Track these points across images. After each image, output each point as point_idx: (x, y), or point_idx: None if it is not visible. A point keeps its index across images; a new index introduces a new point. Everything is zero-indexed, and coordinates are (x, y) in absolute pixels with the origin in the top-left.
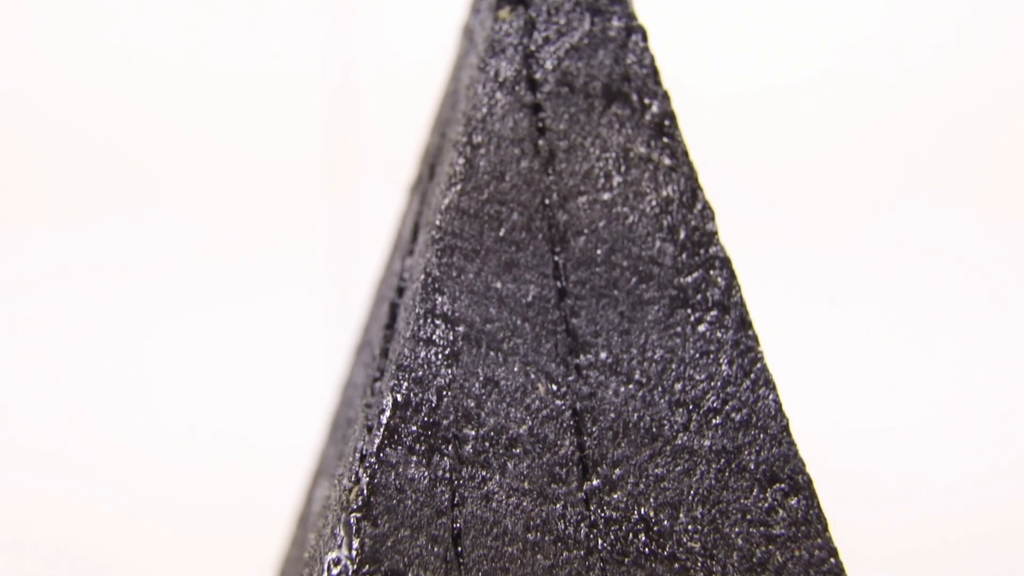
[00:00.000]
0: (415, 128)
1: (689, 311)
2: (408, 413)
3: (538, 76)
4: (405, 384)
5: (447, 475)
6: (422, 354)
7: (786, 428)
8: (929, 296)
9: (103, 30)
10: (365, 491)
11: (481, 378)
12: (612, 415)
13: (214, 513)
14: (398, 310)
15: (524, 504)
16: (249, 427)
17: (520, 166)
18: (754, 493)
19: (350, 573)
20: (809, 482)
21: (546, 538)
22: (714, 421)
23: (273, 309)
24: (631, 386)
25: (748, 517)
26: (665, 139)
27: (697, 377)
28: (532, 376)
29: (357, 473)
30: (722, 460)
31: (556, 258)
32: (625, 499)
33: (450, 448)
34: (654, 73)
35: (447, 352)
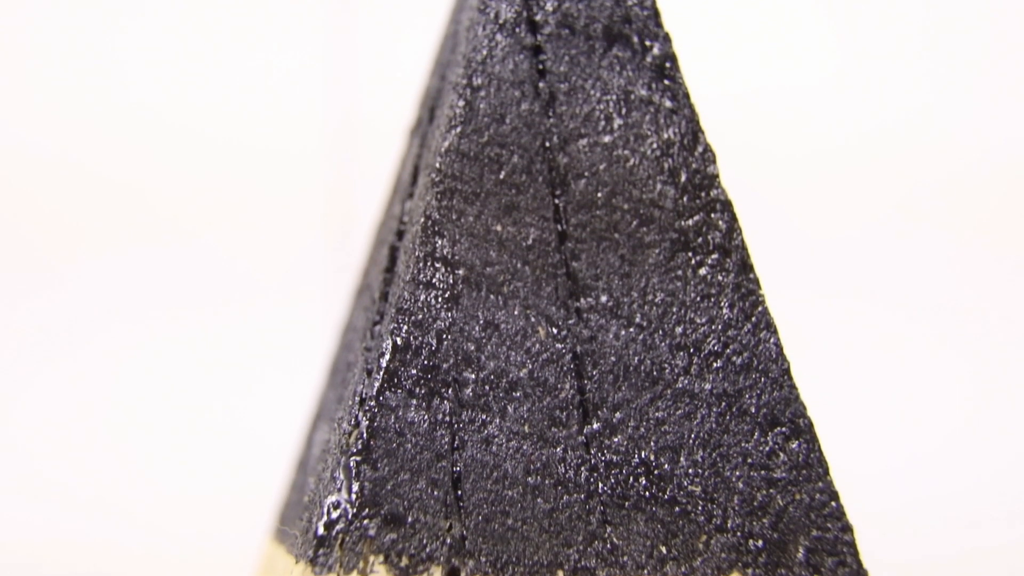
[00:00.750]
0: (415, 71)
1: (690, 254)
2: (408, 356)
3: (538, 18)
4: (405, 327)
5: (447, 418)
6: (422, 297)
7: (787, 371)
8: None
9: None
10: (365, 434)
11: (481, 321)
12: (613, 358)
13: (213, 461)
14: (398, 253)
15: (524, 448)
16: (247, 372)
17: (520, 108)
18: (755, 437)
19: (349, 516)
20: (810, 425)
21: (546, 481)
22: (715, 364)
23: (273, 254)
24: (632, 329)
25: (749, 461)
26: (666, 81)
27: (698, 320)
28: (532, 319)
29: (357, 417)
30: (723, 404)
31: (556, 201)
32: (626, 443)
33: (450, 391)
34: (655, 15)
35: (447, 295)
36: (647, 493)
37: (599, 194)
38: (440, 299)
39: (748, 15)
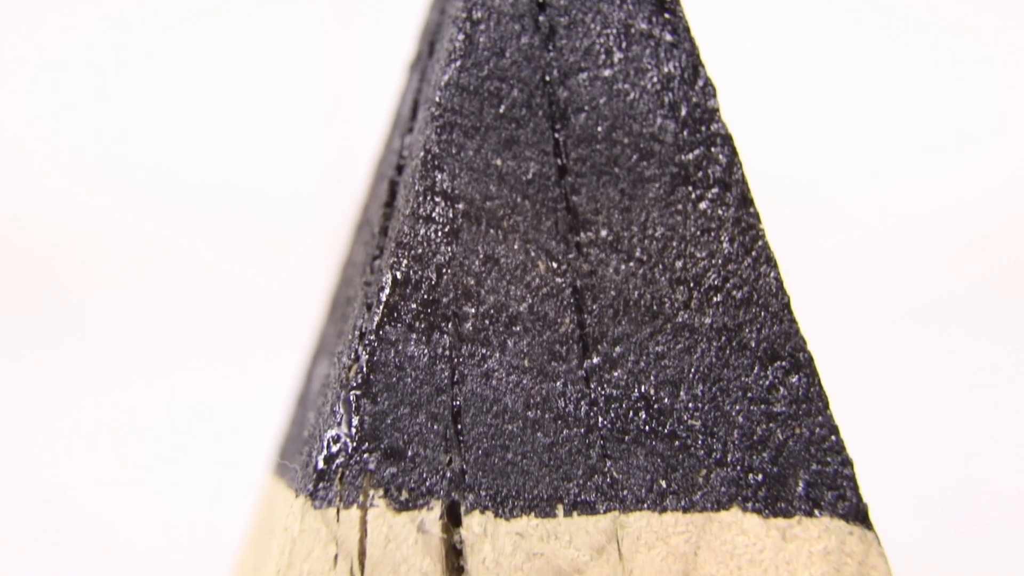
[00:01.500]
0: (415, 5)
1: (690, 188)
2: (408, 290)
3: None
4: (405, 261)
5: (447, 352)
6: (421, 231)
7: (787, 306)
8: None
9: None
10: (365, 368)
11: (481, 255)
12: (612, 293)
13: (212, 398)
14: (397, 188)
15: (524, 382)
16: (248, 308)
17: (520, 42)
18: (755, 371)
19: (349, 450)
20: (810, 360)
21: (546, 416)
22: (715, 299)
23: (272, 189)
24: (632, 263)
25: (749, 395)
26: (667, 15)
27: (698, 255)
28: (532, 254)
29: (357, 351)
30: (723, 338)
31: (556, 135)
32: (625, 377)
33: (450, 326)
34: None
35: (447, 229)
36: (647, 427)
37: (599, 128)
38: (440, 233)
39: None
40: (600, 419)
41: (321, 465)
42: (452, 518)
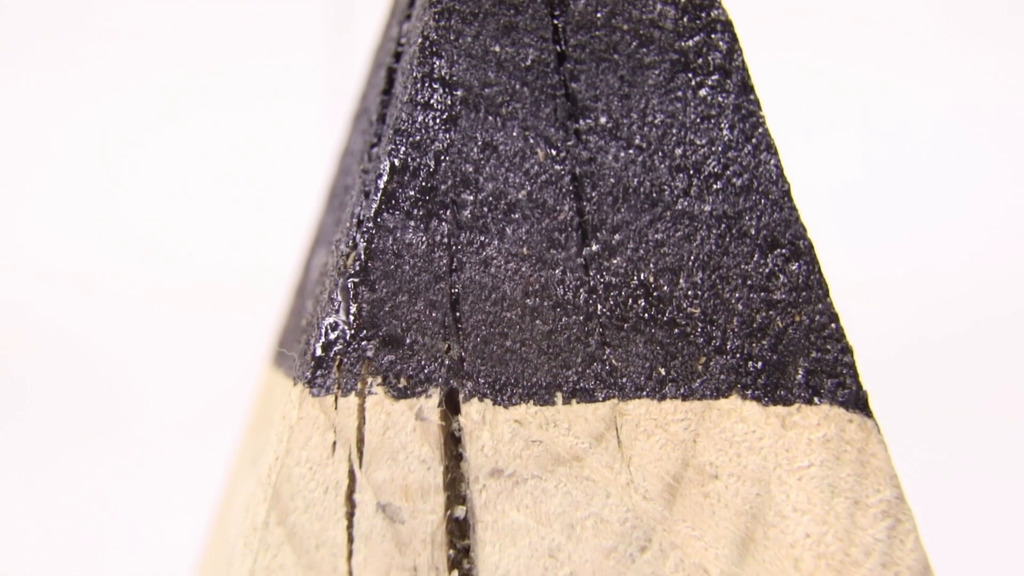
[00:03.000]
0: None
1: (690, 75)
2: (406, 178)
3: None
4: (403, 148)
5: (445, 240)
6: (420, 118)
7: (787, 193)
8: None
9: None
10: (363, 256)
11: (479, 143)
12: (612, 180)
13: (210, 286)
14: (396, 75)
15: (523, 269)
16: (247, 199)
17: None
18: (754, 258)
19: (347, 338)
20: (810, 247)
21: (545, 303)
22: (715, 186)
23: (272, 77)
24: (631, 151)
25: (748, 282)
26: None
27: (698, 142)
28: (531, 141)
29: (355, 238)
30: (722, 225)
31: (555, 21)
32: (625, 264)
33: (448, 213)
34: None
35: (445, 116)
36: (646, 315)
37: (598, 14)
38: (438, 120)
39: None
40: (599, 307)
41: (319, 352)
42: (451, 406)
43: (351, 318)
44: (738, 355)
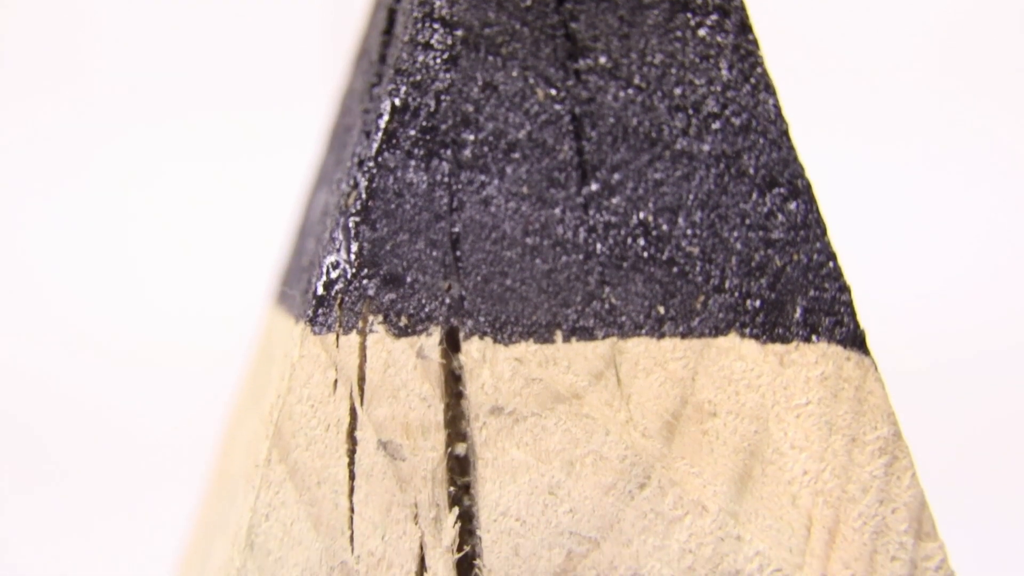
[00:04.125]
0: None
1: (689, 15)
2: (406, 117)
3: None
4: (403, 88)
5: (446, 179)
6: (420, 58)
7: (785, 133)
8: None
9: None
10: (364, 195)
11: (480, 82)
12: (611, 120)
13: (211, 225)
14: (396, 15)
15: (523, 209)
16: (245, 139)
17: None
18: (753, 197)
19: (348, 276)
20: (808, 186)
21: (545, 242)
22: (713, 126)
23: (270, 18)
24: (630, 91)
25: (747, 222)
26: None
27: (697, 82)
28: (531, 81)
29: (355, 178)
30: (721, 165)
31: None
32: (624, 204)
33: (448, 152)
34: None
35: (445, 56)
36: (645, 254)
37: None
38: (438, 60)
39: None
40: (598, 246)
41: (320, 291)
42: (451, 344)
43: (352, 257)
44: (736, 293)
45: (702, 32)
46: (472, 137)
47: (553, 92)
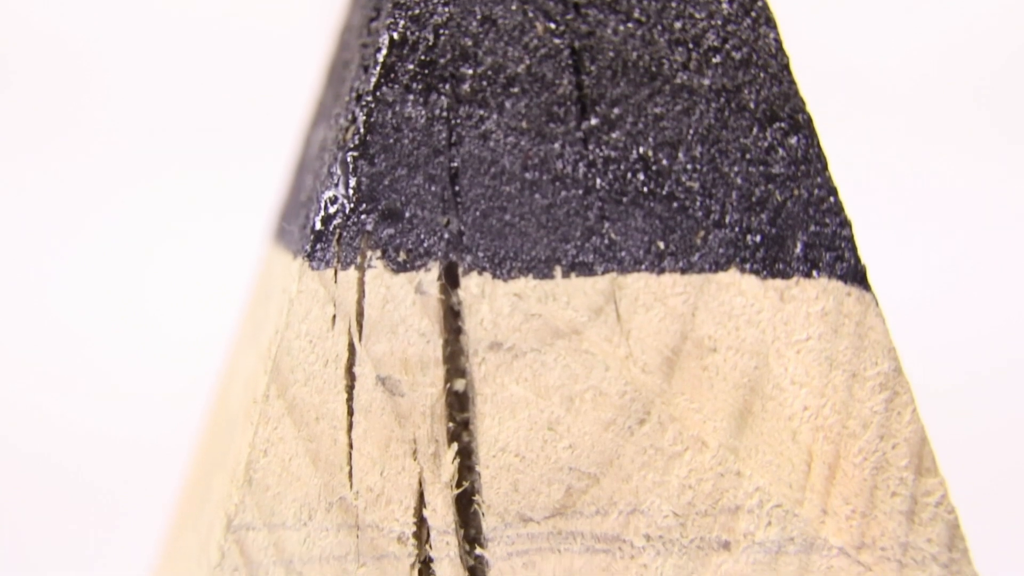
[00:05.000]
0: None
1: None
2: (405, 51)
3: None
4: (402, 22)
5: (444, 114)
6: None
7: (786, 67)
8: None
9: None
10: (362, 129)
11: (479, 16)
12: (611, 54)
13: (211, 165)
14: None
15: (522, 143)
16: (245, 74)
17: None
18: (754, 132)
19: (347, 211)
20: (809, 121)
21: (544, 177)
22: (714, 60)
23: None
24: (630, 24)
25: (747, 156)
26: None
27: (697, 15)
28: (530, 14)
29: (354, 112)
30: (721, 99)
31: None
32: (623, 138)
33: (447, 87)
34: None
35: None
36: (645, 189)
37: None
38: None
39: None
40: (598, 180)
41: (318, 226)
42: (450, 279)
43: (350, 192)
44: (737, 229)
45: None
46: (471, 71)
47: (552, 26)
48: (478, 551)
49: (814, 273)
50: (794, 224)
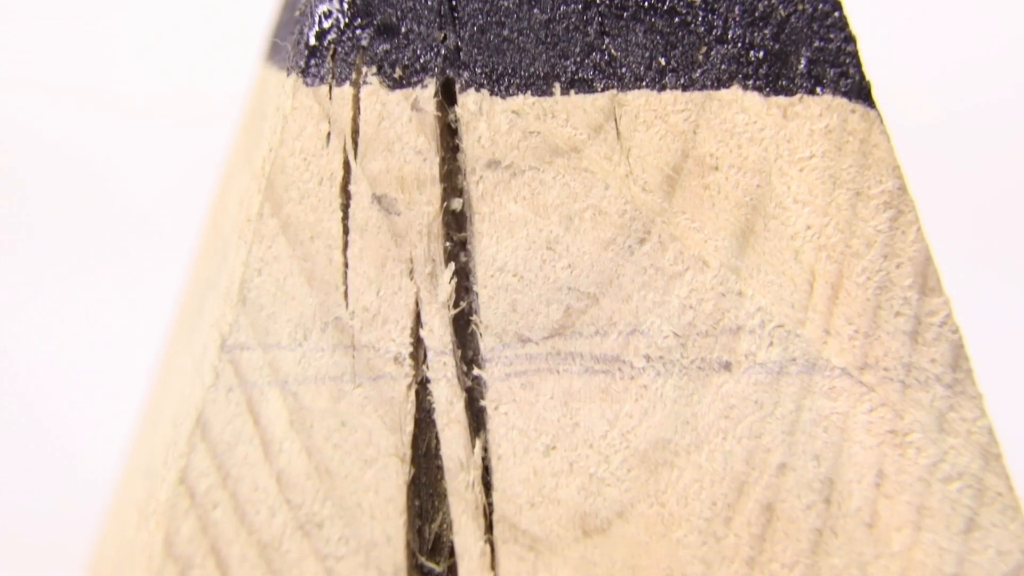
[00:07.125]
0: None
1: None
2: None
3: None
4: None
5: None
6: None
7: None
8: None
9: None
10: None
11: None
12: None
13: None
14: None
15: None
16: None
17: None
18: None
19: (341, 26)
20: None
21: None
22: None
23: None
24: None
25: None
26: None
27: None
28: None
29: None
30: None
31: None
32: None
33: None
34: None
35: None
36: (646, 3)
37: None
38: None
39: None
40: None
41: (312, 41)
42: (447, 96)
43: (345, 5)
44: (739, 44)
45: None
46: None
47: None
48: (476, 372)
49: (818, 90)
50: (798, 39)
